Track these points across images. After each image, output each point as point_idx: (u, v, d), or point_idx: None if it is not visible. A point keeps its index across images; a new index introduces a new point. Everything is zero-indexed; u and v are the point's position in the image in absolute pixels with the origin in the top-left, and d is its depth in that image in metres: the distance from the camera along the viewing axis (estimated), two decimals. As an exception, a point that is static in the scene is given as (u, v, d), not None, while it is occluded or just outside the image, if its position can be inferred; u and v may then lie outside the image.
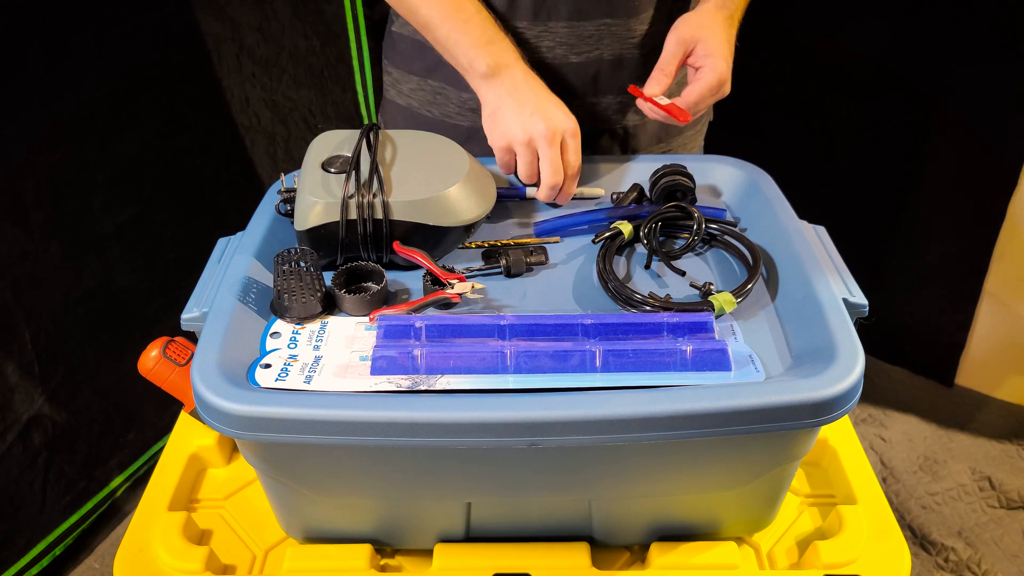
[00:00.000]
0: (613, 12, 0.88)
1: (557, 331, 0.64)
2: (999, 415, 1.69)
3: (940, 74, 1.46)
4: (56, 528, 1.38)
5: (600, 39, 0.89)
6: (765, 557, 0.71)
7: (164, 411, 1.52)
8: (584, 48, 0.90)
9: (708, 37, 0.82)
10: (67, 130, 1.26)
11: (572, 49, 0.90)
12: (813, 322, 0.64)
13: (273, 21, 1.53)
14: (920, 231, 1.64)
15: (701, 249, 0.78)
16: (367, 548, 0.68)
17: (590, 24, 0.88)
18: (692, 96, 0.82)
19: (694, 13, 0.85)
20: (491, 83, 0.81)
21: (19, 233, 1.23)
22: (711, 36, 0.82)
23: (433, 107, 0.97)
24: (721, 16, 0.85)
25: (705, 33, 0.82)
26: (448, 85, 0.95)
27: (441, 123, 0.97)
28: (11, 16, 1.13)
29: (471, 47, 0.81)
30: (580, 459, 0.61)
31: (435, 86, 0.96)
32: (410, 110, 0.99)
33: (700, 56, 0.83)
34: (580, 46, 0.90)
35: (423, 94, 0.97)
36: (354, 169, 0.72)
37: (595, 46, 0.90)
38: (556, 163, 0.78)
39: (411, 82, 0.98)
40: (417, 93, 0.98)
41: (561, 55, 0.90)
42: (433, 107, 0.97)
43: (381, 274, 0.70)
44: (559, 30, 0.88)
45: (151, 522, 0.71)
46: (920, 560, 1.43)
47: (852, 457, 0.78)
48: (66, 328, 1.33)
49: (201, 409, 0.58)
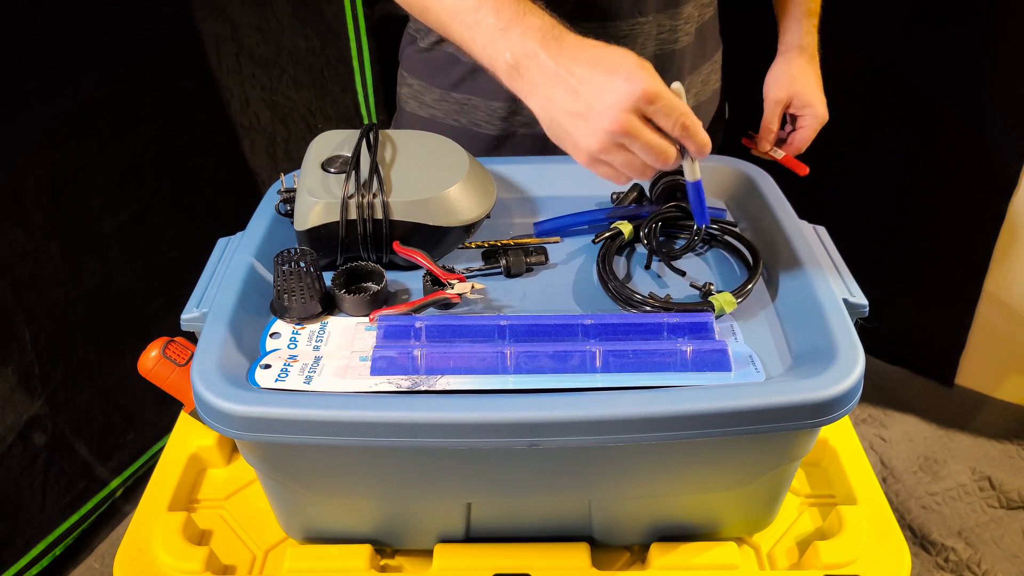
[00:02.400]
0: (631, 13, 0.88)
1: (557, 331, 0.64)
2: (999, 415, 1.68)
3: (940, 74, 1.46)
4: (56, 528, 1.38)
5: (617, 42, 0.89)
6: (765, 557, 0.71)
7: (164, 411, 1.52)
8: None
9: (801, 90, 0.93)
10: (67, 130, 1.25)
11: None
12: (813, 322, 0.64)
13: (273, 21, 1.53)
14: (920, 231, 1.64)
15: (701, 249, 0.78)
16: (367, 548, 0.68)
17: (624, 24, 0.88)
18: (802, 144, 0.94)
19: (783, 66, 0.95)
20: (521, 84, 0.64)
21: (19, 233, 1.23)
22: (804, 88, 0.93)
23: (461, 116, 0.97)
24: (805, 60, 0.95)
25: (798, 86, 0.93)
26: (475, 96, 0.95)
27: (468, 131, 0.97)
28: (11, 16, 1.13)
29: (488, 43, 0.65)
30: (580, 459, 0.61)
31: (459, 98, 0.96)
32: (433, 120, 0.99)
33: (798, 107, 0.94)
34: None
35: (447, 105, 0.97)
36: (354, 169, 0.72)
37: (628, 46, 0.89)
38: (657, 147, 0.61)
39: (435, 93, 0.98)
40: (441, 104, 0.97)
41: None
42: (461, 116, 0.97)
43: (381, 274, 0.70)
44: (592, 30, 0.88)
45: (151, 522, 0.71)
46: (920, 560, 1.43)
47: (852, 457, 0.78)
48: (66, 328, 1.32)
49: (201, 409, 0.58)
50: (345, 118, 1.71)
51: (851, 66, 1.57)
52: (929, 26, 1.45)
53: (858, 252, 0.90)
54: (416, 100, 1.01)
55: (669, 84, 0.66)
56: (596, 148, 0.61)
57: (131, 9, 1.29)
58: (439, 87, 0.97)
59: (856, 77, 1.57)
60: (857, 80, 1.57)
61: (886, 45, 1.52)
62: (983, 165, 1.48)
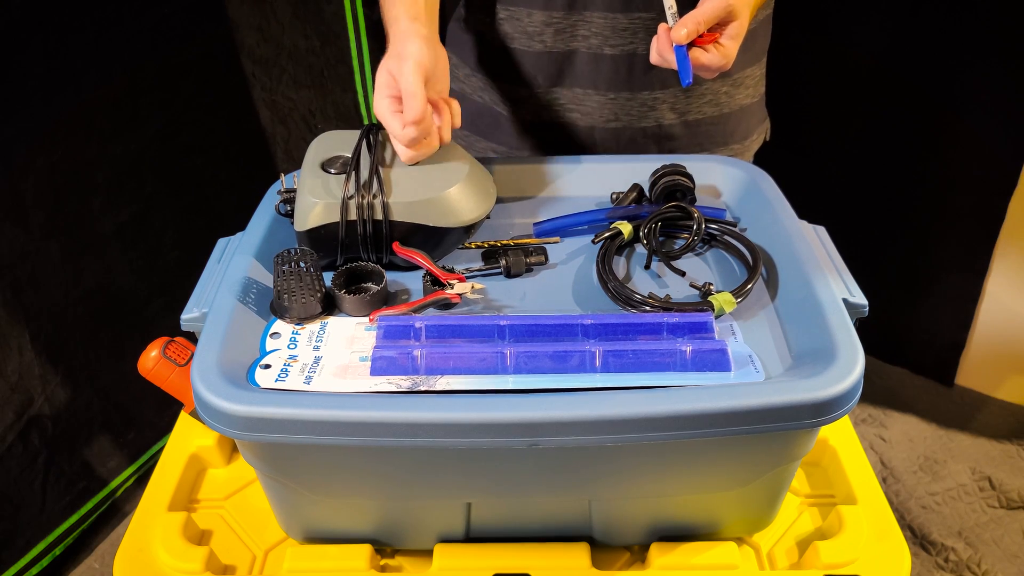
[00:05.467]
0: (649, 6, 0.88)
1: (557, 331, 0.64)
2: (999, 415, 1.69)
3: (940, 74, 1.46)
4: (56, 528, 1.38)
5: (635, 32, 0.89)
6: (765, 557, 0.71)
7: (164, 411, 1.52)
8: (618, 41, 0.90)
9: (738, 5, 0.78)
10: (67, 130, 1.26)
11: (606, 41, 0.90)
12: (813, 322, 0.64)
13: (273, 21, 1.53)
14: (920, 231, 1.64)
15: (701, 249, 0.78)
16: (367, 548, 0.68)
17: (625, 17, 0.89)
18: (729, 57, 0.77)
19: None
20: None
21: (19, 233, 1.23)
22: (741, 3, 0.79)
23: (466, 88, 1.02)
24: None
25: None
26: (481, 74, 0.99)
27: (472, 101, 1.00)
28: (11, 16, 1.13)
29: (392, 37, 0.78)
30: (580, 459, 0.61)
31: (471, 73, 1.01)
32: (462, 95, 1.03)
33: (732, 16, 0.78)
34: (614, 38, 0.90)
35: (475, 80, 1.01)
36: (354, 170, 0.72)
37: (630, 39, 0.90)
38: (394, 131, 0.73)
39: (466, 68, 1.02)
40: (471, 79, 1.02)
41: (596, 46, 0.91)
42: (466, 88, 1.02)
43: (381, 274, 0.70)
44: (594, 20, 0.89)
45: (151, 522, 0.71)
46: (920, 560, 1.43)
47: (852, 457, 0.77)
48: (66, 328, 1.32)
49: (201, 409, 0.58)
50: (345, 118, 1.71)
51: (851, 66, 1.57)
52: (929, 26, 1.45)
53: (858, 252, 0.90)
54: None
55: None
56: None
57: (131, 9, 1.29)
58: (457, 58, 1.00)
59: (856, 77, 1.57)
60: (857, 80, 1.57)
61: (886, 45, 1.52)
62: (983, 165, 1.48)
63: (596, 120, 0.96)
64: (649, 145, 0.98)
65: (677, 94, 0.95)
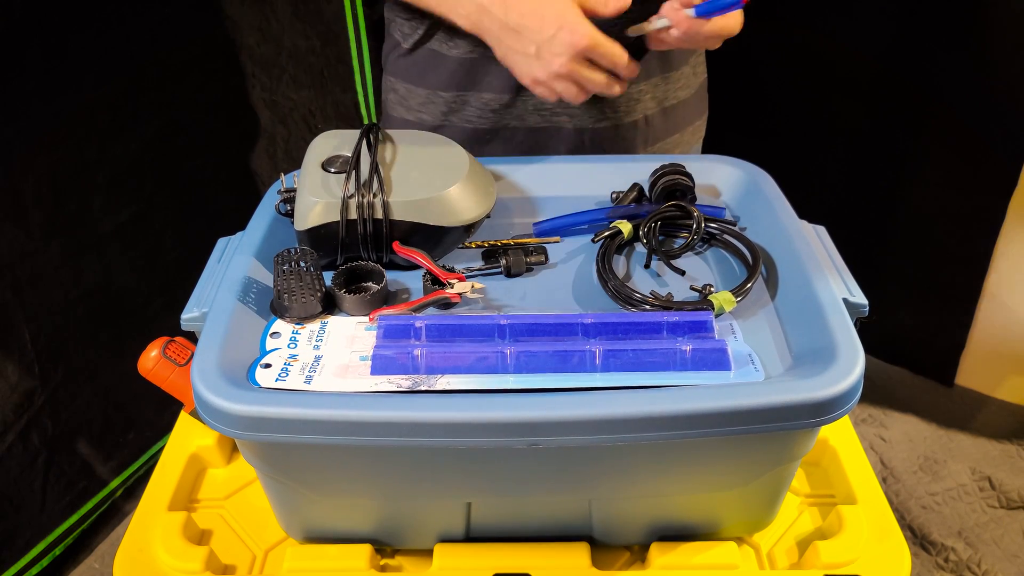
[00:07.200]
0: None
1: (557, 331, 0.64)
2: (999, 415, 1.69)
3: (940, 74, 1.46)
4: (56, 528, 1.38)
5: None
6: (765, 557, 0.71)
7: (164, 411, 1.52)
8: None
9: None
10: (67, 130, 1.26)
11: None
12: (813, 322, 0.64)
13: (273, 21, 1.53)
14: (920, 231, 1.64)
15: (701, 248, 0.78)
16: (367, 548, 0.68)
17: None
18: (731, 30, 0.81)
19: None
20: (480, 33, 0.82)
21: (19, 233, 1.23)
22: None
23: (449, 115, 0.97)
24: None
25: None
26: (464, 91, 0.95)
27: (458, 129, 0.97)
28: (11, 16, 1.13)
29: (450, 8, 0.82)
30: (580, 459, 0.61)
31: (448, 97, 0.96)
32: (421, 124, 0.99)
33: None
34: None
35: (434, 106, 0.97)
36: (354, 169, 0.72)
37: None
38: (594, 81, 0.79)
39: (420, 96, 0.98)
40: (428, 106, 0.98)
41: None
42: (449, 115, 0.97)
43: (381, 274, 0.70)
44: None
45: (151, 522, 0.71)
46: (920, 560, 1.43)
47: (852, 457, 0.77)
48: (66, 328, 1.33)
49: (201, 409, 0.58)
50: (345, 118, 1.71)
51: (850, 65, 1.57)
52: (929, 25, 1.45)
53: (858, 252, 0.90)
54: (402, 105, 1.00)
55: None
56: (544, 78, 0.79)
57: (131, 9, 1.29)
58: (426, 87, 0.97)
59: (855, 76, 1.57)
60: (857, 79, 1.58)
61: (886, 44, 1.52)
62: (983, 165, 1.48)
63: (585, 121, 0.96)
64: (635, 139, 0.99)
65: (657, 84, 0.97)
